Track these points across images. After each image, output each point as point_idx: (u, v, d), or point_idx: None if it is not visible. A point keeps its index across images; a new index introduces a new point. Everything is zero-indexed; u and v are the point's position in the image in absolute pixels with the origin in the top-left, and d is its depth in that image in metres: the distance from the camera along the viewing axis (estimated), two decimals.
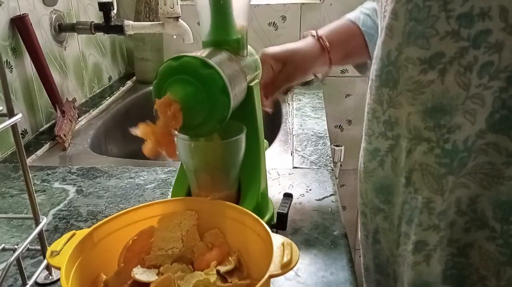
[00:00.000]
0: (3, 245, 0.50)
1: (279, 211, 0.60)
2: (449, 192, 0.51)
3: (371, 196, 0.63)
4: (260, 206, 0.59)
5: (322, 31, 0.76)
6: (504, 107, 0.46)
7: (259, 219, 0.45)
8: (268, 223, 0.59)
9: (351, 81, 1.48)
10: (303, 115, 1.10)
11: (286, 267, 0.38)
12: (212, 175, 0.55)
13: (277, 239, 0.41)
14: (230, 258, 0.47)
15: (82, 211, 0.69)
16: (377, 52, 0.57)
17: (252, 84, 0.56)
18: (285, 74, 0.72)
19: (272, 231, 0.61)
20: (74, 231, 0.45)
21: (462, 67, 0.47)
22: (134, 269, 0.45)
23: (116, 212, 0.48)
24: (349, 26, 0.76)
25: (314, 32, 0.76)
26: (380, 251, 0.65)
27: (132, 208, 0.49)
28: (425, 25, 0.48)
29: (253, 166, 0.58)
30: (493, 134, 0.47)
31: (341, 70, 1.46)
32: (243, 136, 0.53)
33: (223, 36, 0.54)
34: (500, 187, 0.49)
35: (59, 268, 0.40)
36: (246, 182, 0.58)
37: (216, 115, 0.49)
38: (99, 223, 0.47)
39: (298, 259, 0.38)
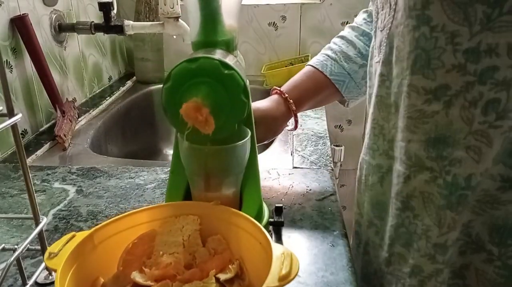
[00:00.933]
0: (3, 245, 0.50)
1: (277, 205, 0.63)
2: (447, 227, 0.51)
3: (367, 208, 0.64)
4: (261, 209, 0.59)
5: (288, 89, 0.75)
6: None
7: (261, 227, 0.44)
8: (264, 227, 0.59)
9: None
10: (303, 115, 1.10)
11: (284, 279, 0.36)
12: (219, 178, 0.54)
13: (277, 249, 0.40)
14: (230, 266, 0.46)
15: (82, 211, 0.69)
16: (375, 69, 0.56)
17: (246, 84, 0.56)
18: (257, 135, 0.63)
19: (271, 226, 0.62)
20: (74, 232, 0.45)
21: (467, 102, 0.45)
22: (133, 273, 0.45)
23: (116, 212, 0.48)
24: (316, 79, 0.75)
25: (279, 91, 0.75)
26: (369, 262, 0.66)
27: (134, 211, 0.49)
28: (431, 55, 0.46)
29: (251, 169, 0.57)
30: (496, 168, 0.47)
31: None
32: (249, 139, 0.52)
33: (213, 37, 0.52)
34: (495, 211, 0.48)
35: (56, 270, 0.40)
36: (246, 185, 0.57)
37: (236, 116, 0.47)
38: (100, 225, 0.46)
39: (298, 270, 0.37)
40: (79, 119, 1.08)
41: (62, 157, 0.92)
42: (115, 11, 1.04)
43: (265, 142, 0.76)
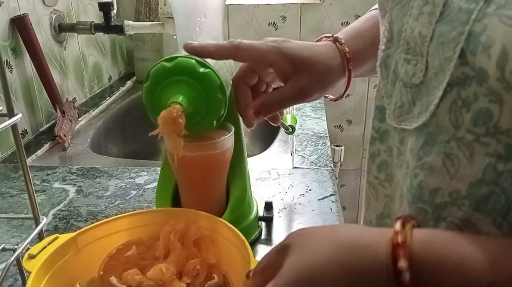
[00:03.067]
0: (3, 245, 0.50)
1: (266, 201, 0.64)
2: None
3: (375, 223, 0.56)
4: (248, 205, 0.59)
5: (348, 37, 0.56)
6: (498, 185, 0.33)
7: (245, 241, 0.43)
8: (253, 221, 0.60)
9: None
10: (303, 115, 1.10)
11: None
12: (203, 178, 0.55)
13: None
14: (214, 274, 0.46)
15: (82, 211, 0.69)
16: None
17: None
18: (298, 88, 0.52)
19: (261, 221, 0.62)
20: (57, 234, 0.44)
21: (461, 100, 0.34)
22: (112, 278, 0.45)
23: (116, 212, 0.48)
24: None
25: (335, 37, 0.56)
26: None
27: (120, 215, 0.49)
28: None
29: (239, 165, 0.58)
30: (472, 210, 0.34)
31: None
32: (232, 135, 0.53)
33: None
34: None
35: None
36: (233, 181, 0.58)
37: (214, 113, 0.49)
38: (84, 228, 0.46)
39: None
40: (79, 119, 1.08)
41: (62, 157, 0.92)
42: (115, 11, 1.04)
43: (311, 98, 0.55)
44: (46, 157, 0.92)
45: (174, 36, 0.56)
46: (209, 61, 0.50)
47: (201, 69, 0.47)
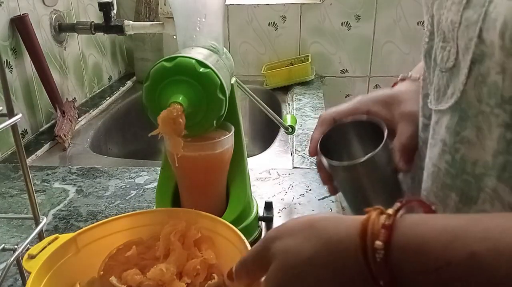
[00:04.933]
0: (3, 245, 0.50)
1: (266, 201, 0.64)
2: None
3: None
4: (248, 205, 0.59)
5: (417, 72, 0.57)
6: (509, 153, 0.35)
7: (246, 240, 0.43)
8: (253, 221, 0.60)
9: (351, 81, 1.48)
10: (303, 115, 1.10)
11: None
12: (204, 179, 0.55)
13: None
14: (214, 274, 0.45)
15: (82, 211, 0.69)
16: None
17: (232, 82, 0.57)
18: (403, 134, 0.52)
19: (260, 222, 0.62)
20: (57, 234, 0.44)
21: (480, 76, 0.37)
22: (112, 278, 0.44)
23: (116, 212, 0.48)
24: None
25: (407, 75, 0.57)
26: None
27: (120, 215, 0.49)
28: None
29: (239, 165, 0.58)
30: (496, 180, 0.36)
31: (341, 70, 1.46)
32: (232, 135, 0.53)
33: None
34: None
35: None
36: (233, 181, 0.58)
37: (214, 113, 0.49)
38: (84, 228, 0.46)
39: None
40: (79, 119, 1.08)
41: (62, 157, 0.92)
42: (115, 11, 1.04)
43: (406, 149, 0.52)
44: (46, 157, 0.92)
45: (174, 36, 0.56)
46: (209, 61, 0.50)
47: (201, 69, 0.47)
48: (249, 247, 0.42)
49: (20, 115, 0.43)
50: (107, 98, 1.24)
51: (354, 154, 0.53)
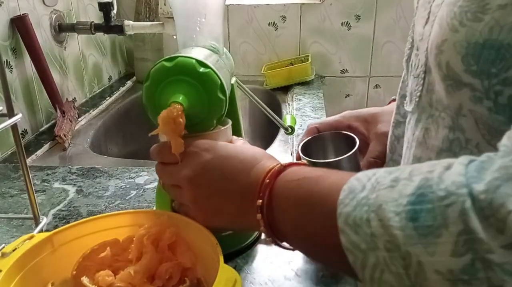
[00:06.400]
0: (3, 245, 0.50)
1: None
2: None
3: None
4: None
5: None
6: (451, 151, 0.40)
7: (217, 244, 0.43)
8: None
9: (351, 81, 1.48)
10: (303, 115, 1.10)
11: None
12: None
13: (223, 272, 0.38)
14: (186, 278, 0.45)
15: (82, 211, 0.69)
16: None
17: (232, 82, 0.57)
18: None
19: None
20: (32, 233, 0.44)
21: (430, 84, 0.43)
22: (83, 278, 0.44)
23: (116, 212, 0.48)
24: None
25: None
26: None
27: (99, 215, 0.49)
28: None
29: None
30: None
31: (341, 70, 1.46)
32: (228, 128, 0.53)
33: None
34: None
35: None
36: None
37: (214, 113, 0.49)
38: (61, 227, 0.46)
39: None
40: (79, 119, 1.08)
41: (62, 157, 0.92)
42: (115, 11, 1.04)
43: None
44: (46, 157, 0.92)
45: (174, 36, 0.56)
46: (209, 61, 0.50)
47: (201, 69, 0.47)
48: (220, 253, 0.41)
49: (20, 115, 0.43)
50: (107, 98, 1.24)
51: (329, 159, 0.61)
